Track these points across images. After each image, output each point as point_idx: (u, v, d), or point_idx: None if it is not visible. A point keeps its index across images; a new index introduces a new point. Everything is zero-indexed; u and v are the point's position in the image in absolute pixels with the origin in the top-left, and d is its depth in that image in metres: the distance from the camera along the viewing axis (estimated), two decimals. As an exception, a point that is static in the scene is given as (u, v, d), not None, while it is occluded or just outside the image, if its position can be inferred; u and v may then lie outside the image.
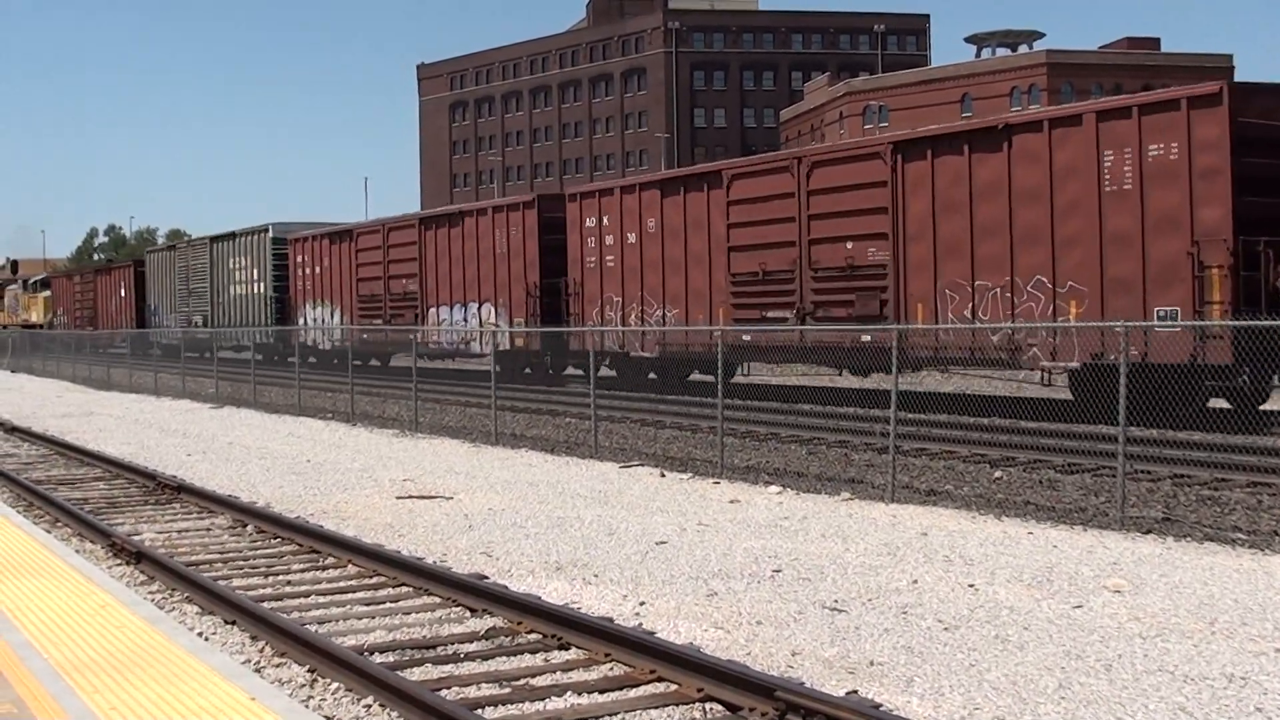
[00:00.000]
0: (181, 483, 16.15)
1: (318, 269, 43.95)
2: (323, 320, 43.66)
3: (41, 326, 73.65)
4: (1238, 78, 72.41)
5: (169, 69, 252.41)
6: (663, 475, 17.11)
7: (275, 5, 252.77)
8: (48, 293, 77.39)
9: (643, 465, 18.11)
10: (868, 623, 8.83)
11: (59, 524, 13.92)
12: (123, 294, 61.16)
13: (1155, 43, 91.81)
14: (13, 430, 25.30)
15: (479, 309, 34.45)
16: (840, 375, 27.99)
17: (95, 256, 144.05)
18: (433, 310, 36.88)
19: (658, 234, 28.31)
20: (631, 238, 28.96)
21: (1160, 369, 17.41)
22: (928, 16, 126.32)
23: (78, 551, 11.78)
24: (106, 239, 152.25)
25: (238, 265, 49.41)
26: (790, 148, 75.16)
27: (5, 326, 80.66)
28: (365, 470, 18.27)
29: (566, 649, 8.29)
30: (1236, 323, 16.39)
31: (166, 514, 14.61)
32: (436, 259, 36.66)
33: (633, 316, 28.75)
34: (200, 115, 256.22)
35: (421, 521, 13.61)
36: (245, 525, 13.48)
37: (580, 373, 32.07)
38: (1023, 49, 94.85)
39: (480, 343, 33.75)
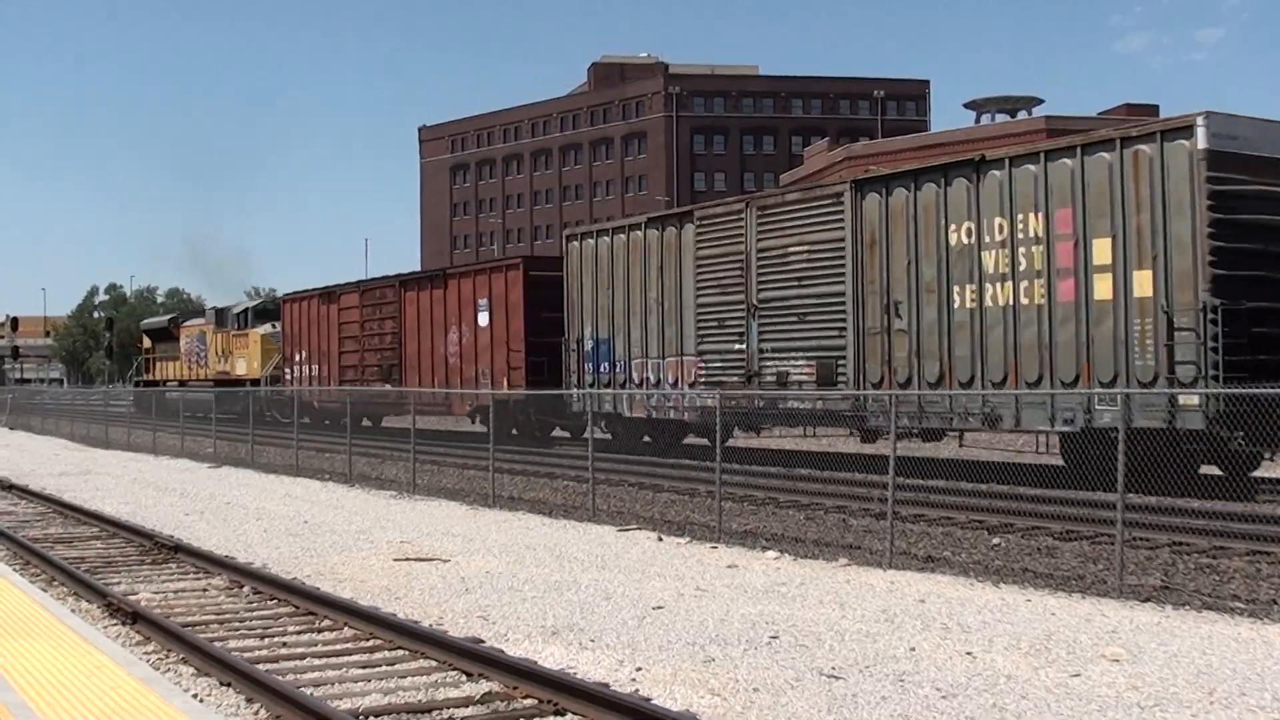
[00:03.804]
0: (178, 542, 16.12)
1: None
2: None
3: (257, 381, 46.84)
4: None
5: (163, 125, 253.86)
6: (660, 539, 17.08)
7: (275, 64, 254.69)
8: (269, 327, 49.05)
9: (640, 529, 18.09)
10: (865, 690, 8.81)
11: (55, 583, 13.89)
12: (482, 321, 34.97)
13: (1154, 110, 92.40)
14: (10, 488, 25.26)
15: None
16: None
17: (96, 314, 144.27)
18: None
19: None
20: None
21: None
22: (927, 82, 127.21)
23: (74, 611, 11.75)
24: (107, 297, 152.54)
25: (1004, 229, 20.91)
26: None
27: (183, 383, 54.45)
28: (362, 532, 18.24)
29: (562, 715, 8.25)
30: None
31: (163, 574, 14.57)
32: None
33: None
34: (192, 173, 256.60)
35: (418, 584, 13.57)
36: (242, 586, 13.45)
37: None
38: (1022, 115, 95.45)
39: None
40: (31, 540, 16.95)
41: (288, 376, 45.97)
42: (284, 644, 10.70)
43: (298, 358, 45.73)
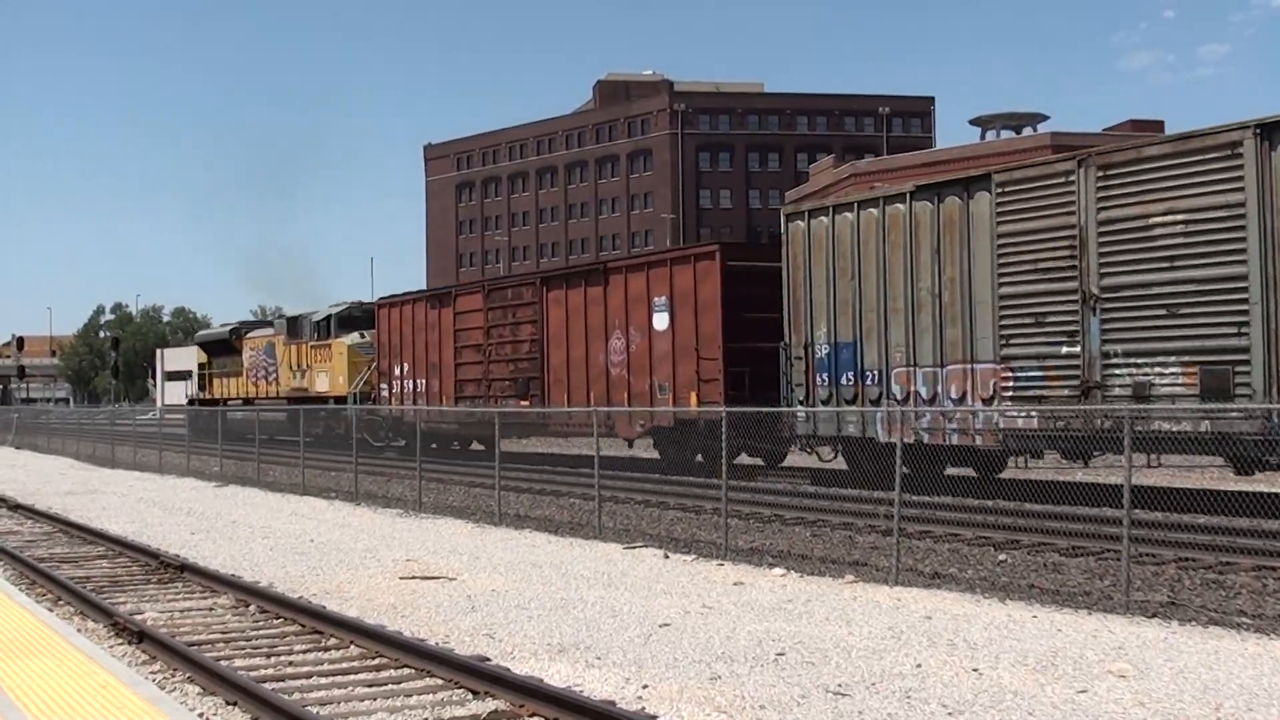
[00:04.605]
0: (184, 562, 16.13)
1: None
2: None
3: (343, 399, 41.01)
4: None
5: (169, 149, 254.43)
6: (667, 557, 17.07)
7: (279, 80, 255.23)
8: (357, 336, 42.52)
9: (647, 546, 18.08)
10: (871, 707, 8.79)
11: (61, 602, 13.90)
12: (658, 323, 28.39)
13: (1159, 125, 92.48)
14: (16, 507, 25.27)
15: None
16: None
17: (102, 334, 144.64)
18: None
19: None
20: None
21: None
22: (932, 99, 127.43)
23: (80, 631, 11.76)
24: (113, 316, 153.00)
25: None
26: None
27: (248, 401, 48.85)
28: (369, 550, 18.24)
29: (568, 732, 8.24)
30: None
31: (169, 593, 14.58)
32: None
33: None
34: (194, 195, 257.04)
35: (424, 602, 13.57)
36: (248, 605, 13.45)
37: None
38: (1027, 131, 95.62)
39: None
40: (37, 559, 16.97)
41: (383, 393, 39.74)
42: (290, 663, 10.70)
43: (397, 371, 39.19)
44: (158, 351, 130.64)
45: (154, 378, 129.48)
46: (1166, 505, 16.73)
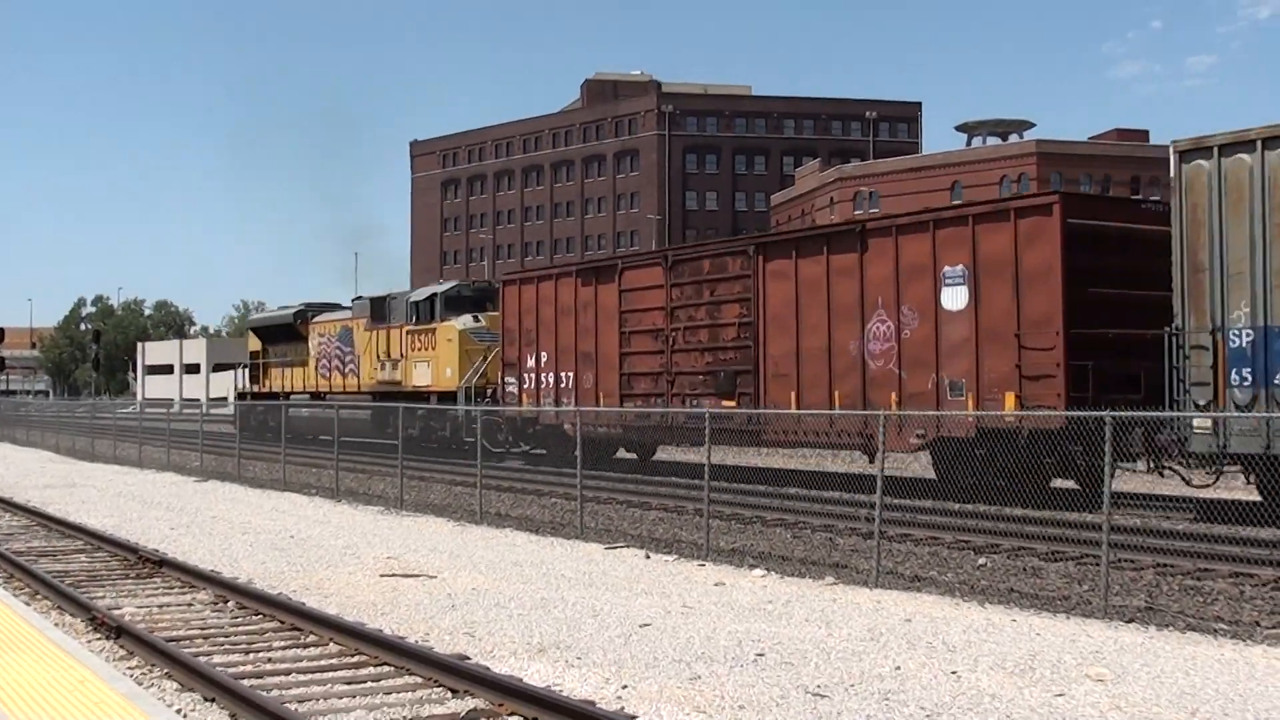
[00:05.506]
0: (163, 557, 16.08)
1: None
2: None
3: (450, 395, 34.71)
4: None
5: (148, 144, 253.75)
6: (648, 557, 17.07)
7: (274, 76, 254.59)
8: (470, 319, 35.77)
9: (628, 547, 18.08)
10: (850, 709, 8.81)
11: (39, 596, 13.85)
12: (950, 301, 21.82)
13: (1144, 135, 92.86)
14: (-5, 501, 25.19)
15: None
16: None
17: (83, 327, 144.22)
18: None
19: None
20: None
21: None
22: (919, 104, 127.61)
23: (57, 625, 11.72)
24: (94, 309, 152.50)
25: None
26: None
27: (316, 395, 42.98)
28: (349, 547, 18.21)
29: (547, 731, 8.23)
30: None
31: (147, 588, 14.53)
32: None
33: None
34: (180, 192, 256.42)
35: (404, 600, 13.55)
36: (227, 601, 13.41)
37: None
38: (1013, 138, 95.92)
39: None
40: (15, 553, 16.89)
41: (509, 388, 33.14)
42: (269, 659, 10.67)
43: (530, 362, 32.24)
44: (139, 345, 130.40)
45: (135, 371, 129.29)
46: (1145, 510, 16.77)
